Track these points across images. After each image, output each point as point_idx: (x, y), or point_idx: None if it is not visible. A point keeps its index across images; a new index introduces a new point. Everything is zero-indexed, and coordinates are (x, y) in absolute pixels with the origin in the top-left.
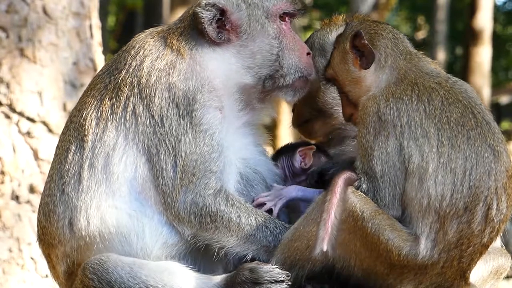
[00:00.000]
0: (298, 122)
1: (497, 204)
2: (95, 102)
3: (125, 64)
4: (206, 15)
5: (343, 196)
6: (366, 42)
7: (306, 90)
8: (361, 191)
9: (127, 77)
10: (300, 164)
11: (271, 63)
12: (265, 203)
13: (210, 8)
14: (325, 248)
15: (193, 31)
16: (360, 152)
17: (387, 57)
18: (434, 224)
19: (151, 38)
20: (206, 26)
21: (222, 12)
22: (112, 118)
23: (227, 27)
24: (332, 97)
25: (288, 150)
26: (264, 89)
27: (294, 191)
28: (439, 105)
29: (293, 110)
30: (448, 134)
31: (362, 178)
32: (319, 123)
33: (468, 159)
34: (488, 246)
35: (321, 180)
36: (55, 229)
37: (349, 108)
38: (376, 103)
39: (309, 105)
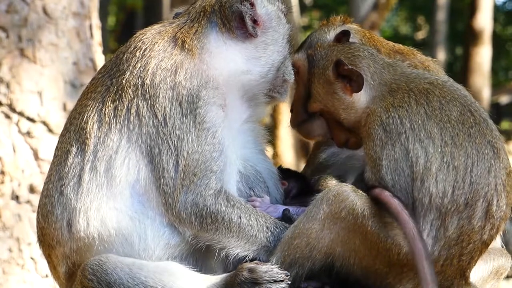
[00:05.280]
0: (296, 123)
1: (497, 201)
2: (97, 105)
3: (129, 65)
4: (245, 9)
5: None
6: (350, 67)
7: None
8: None
9: (131, 78)
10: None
11: (284, 55)
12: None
13: (245, 2)
14: None
15: (210, 30)
16: (370, 163)
17: (373, 75)
18: (435, 221)
19: (161, 39)
20: (247, 20)
21: (252, 5)
22: (116, 120)
23: (258, 22)
24: None
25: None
26: (266, 86)
27: (275, 212)
28: (437, 105)
29: (291, 111)
30: (450, 133)
31: None
32: (316, 123)
33: (469, 156)
34: (488, 245)
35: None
36: (54, 230)
37: (343, 133)
38: (378, 117)
39: (306, 106)
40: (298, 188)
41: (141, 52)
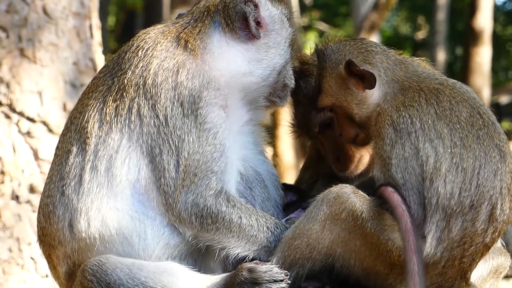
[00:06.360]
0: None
1: (501, 204)
2: (98, 104)
3: (131, 65)
4: (248, 10)
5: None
6: (362, 68)
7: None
8: None
9: (132, 78)
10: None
11: (286, 59)
12: None
13: (249, 3)
14: None
15: (213, 30)
16: (380, 162)
17: (386, 71)
18: (440, 222)
19: (164, 39)
20: (251, 21)
21: (256, 7)
22: (117, 120)
23: (261, 23)
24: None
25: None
26: (267, 90)
27: None
28: (448, 105)
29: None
30: (460, 134)
31: None
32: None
33: (477, 159)
34: (490, 247)
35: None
36: (55, 231)
37: (353, 129)
38: (388, 116)
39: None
40: (293, 197)
41: (144, 52)
